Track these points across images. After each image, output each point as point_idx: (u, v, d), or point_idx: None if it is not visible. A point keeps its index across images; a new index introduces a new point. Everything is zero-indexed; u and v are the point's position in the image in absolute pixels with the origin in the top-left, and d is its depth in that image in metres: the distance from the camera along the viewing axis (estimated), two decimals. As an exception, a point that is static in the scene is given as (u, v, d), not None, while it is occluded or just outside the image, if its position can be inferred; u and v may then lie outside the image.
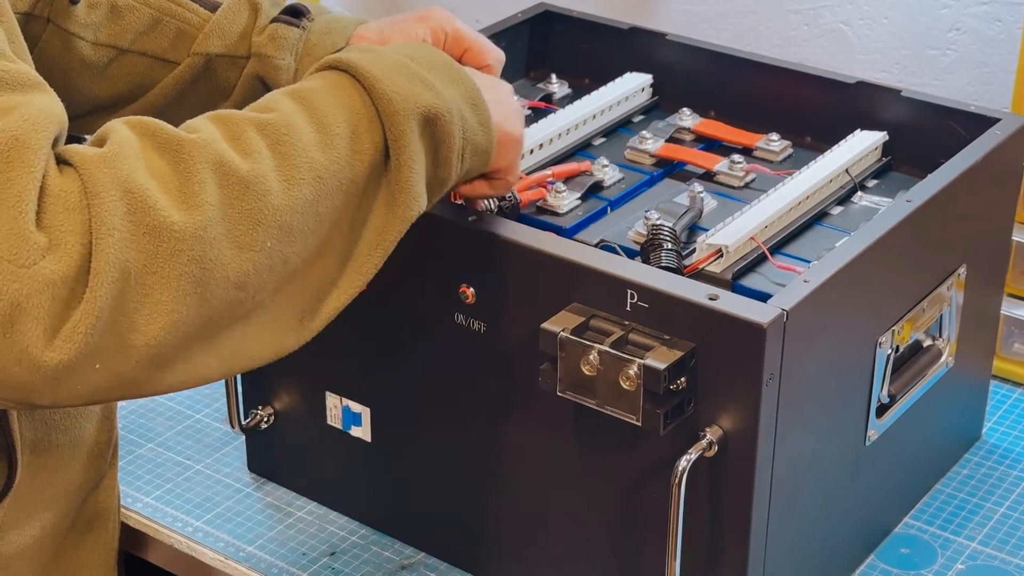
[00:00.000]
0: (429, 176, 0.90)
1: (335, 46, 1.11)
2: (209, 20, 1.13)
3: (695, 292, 0.89)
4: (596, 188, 1.12)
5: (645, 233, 1.03)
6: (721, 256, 1.01)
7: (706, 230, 1.03)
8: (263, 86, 1.14)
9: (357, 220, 0.87)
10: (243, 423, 1.13)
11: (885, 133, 1.15)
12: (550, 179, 1.11)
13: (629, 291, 0.90)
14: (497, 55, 1.13)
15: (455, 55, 1.12)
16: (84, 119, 1.19)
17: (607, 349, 0.89)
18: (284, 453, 1.15)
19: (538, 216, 1.08)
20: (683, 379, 0.89)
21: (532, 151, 1.14)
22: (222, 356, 0.81)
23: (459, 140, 0.90)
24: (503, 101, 0.96)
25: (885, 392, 1.03)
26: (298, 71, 1.12)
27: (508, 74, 1.26)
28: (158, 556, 1.15)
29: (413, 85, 0.88)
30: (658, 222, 1.03)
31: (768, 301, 0.89)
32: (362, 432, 1.09)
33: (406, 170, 0.87)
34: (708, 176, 1.14)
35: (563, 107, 1.21)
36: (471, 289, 0.98)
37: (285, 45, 1.11)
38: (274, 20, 1.13)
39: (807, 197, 1.08)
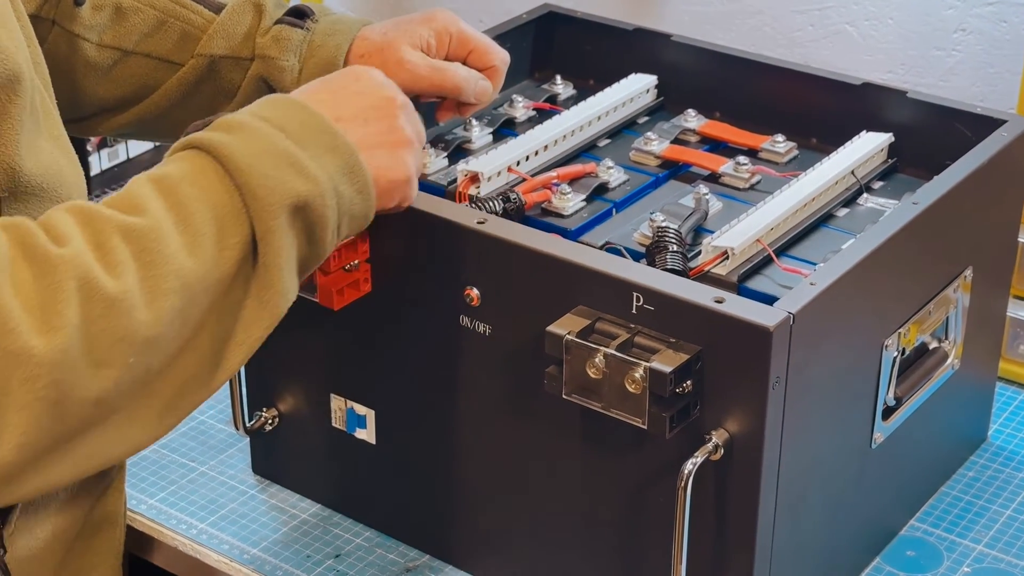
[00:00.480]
0: (303, 257, 0.88)
1: (339, 48, 1.11)
2: (213, 22, 1.13)
3: (701, 295, 0.89)
4: (601, 190, 1.12)
5: (650, 235, 1.03)
6: (727, 258, 1.00)
7: (712, 232, 1.03)
8: (267, 87, 1.14)
9: (224, 316, 0.84)
10: (248, 425, 1.13)
11: (891, 135, 1.15)
12: (555, 181, 1.11)
13: (635, 294, 0.90)
14: (502, 56, 1.13)
15: (459, 57, 1.12)
16: (90, 120, 1.19)
17: (613, 352, 0.89)
18: (289, 455, 1.15)
19: (543, 218, 1.08)
20: (689, 382, 0.88)
21: (537, 152, 1.14)
22: (76, 461, 0.80)
23: (334, 219, 0.87)
24: (387, 143, 0.92)
25: (891, 394, 1.03)
26: (302, 72, 1.11)
27: (513, 75, 1.26)
28: (163, 558, 1.15)
29: (281, 172, 0.85)
30: (663, 224, 1.03)
31: (774, 304, 0.89)
32: (367, 434, 1.09)
33: (274, 267, 0.85)
34: (713, 178, 1.14)
35: (568, 108, 1.21)
36: (476, 291, 0.98)
37: (289, 47, 1.11)
38: (278, 22, 1.12)
39: (813, 199, 1.08)
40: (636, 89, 1.24)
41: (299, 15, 1.13)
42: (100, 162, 1.57)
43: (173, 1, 1.15)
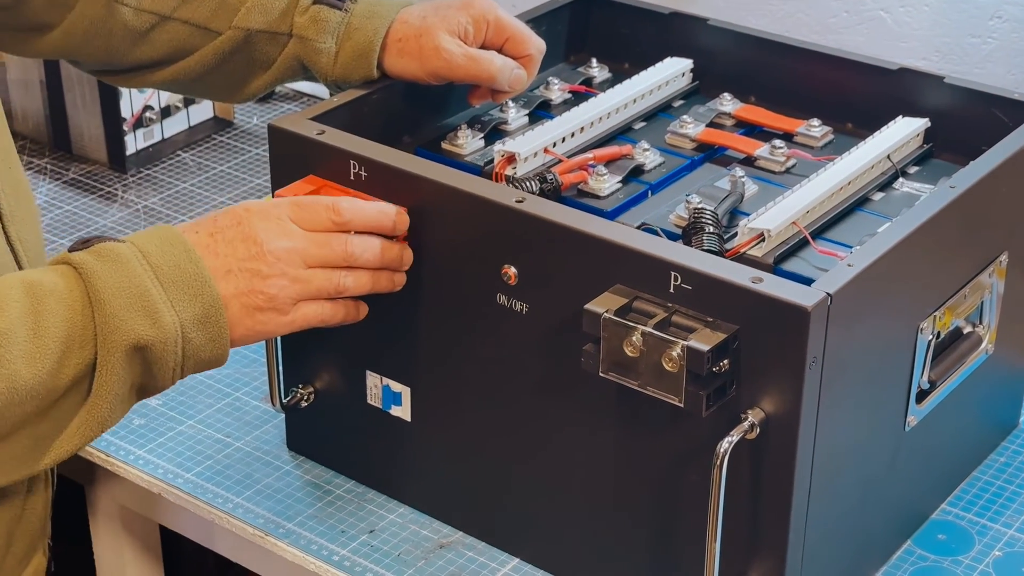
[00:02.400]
0: (140, 386, 0.94)
1: (376, 31, 1.12)
2: None
3: (739, 274, 0.89)
4: (637, 172, 1.12)
5: (686, 217, 1.03)
6: (763, 240, 1.01)
7: (747, 214, 1.03)
8: (302, 68, 1.14)
9: (49, 420, 0.91)
10: (283, 401, 1.14)
11: (927, 120, 1.15)
12: (591, 162, 1.11)
13: (673, 273, 0.91)
14: (538, 44, 1.13)
15: (496, 44, 1.12)
16: (126, 75, 1.21)
17: (650, 330, 0.90)
18: (324, 431, 1.16)
19: (579, 199, 1.08)
20: (726, 361, 0.89)
21: (573, 134, 1.15)
22: None
23: (175, 362, 0.93)
24: (253, 302, 0.95)
25: (925, 378, 1.03)
26: (339, 54, 1.12)
27: (548, 58, 1.27)
28: (197, 532, 1.16)
29: (132, 313, 0.90)
30: (700, 205, 1.03)
31: (812, 285, 0.89)
32: (402, 411, 1.09)
33: (101, 396, 0.91)
34: (749, 161, 1.14)
35: (603, 91, 1.21)
36: (513, 270, 0.98)
37: (327, 28, 1.12)
38: (317, 1, 1.13)
39: (848, 183, 1.08)
40: (672, 72, 1.24)
41: None
42: (136, 142, 1.59)
43: None
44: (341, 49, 1.13)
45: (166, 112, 1.62)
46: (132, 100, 1.57)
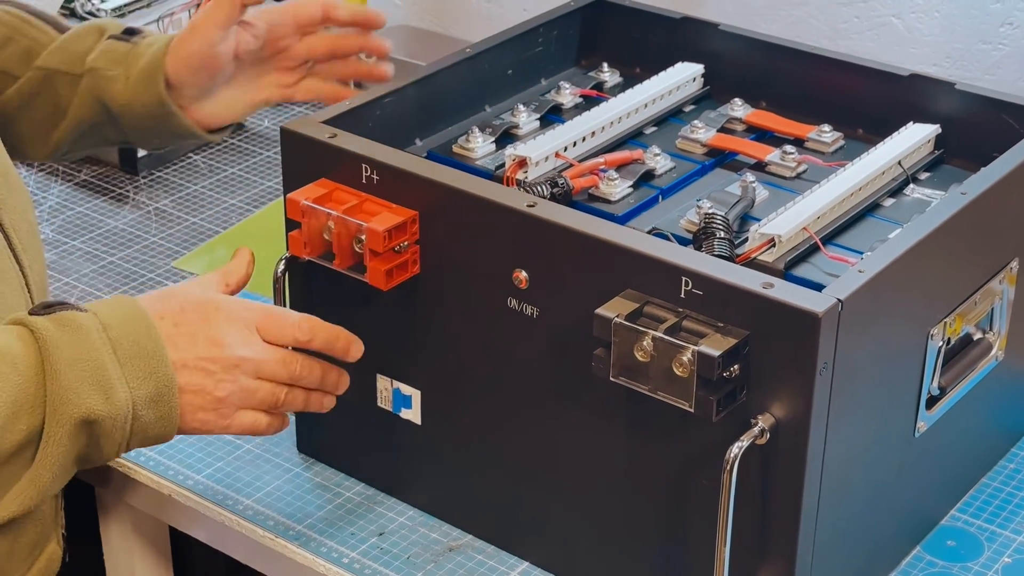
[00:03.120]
0: (83, 457, 0.94)
1: (158, 51, 1.17)
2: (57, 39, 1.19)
3: (750, 280, 0.90)
4: (648, 176, 1.12)
5: (697, 221, 1.04)
6: (773, 246, 1.01)
7: (758, 220, 1.04)
8: (102, 107, 1.18)
9: None
10: (294, 404, 1.14)
11: (938, 126, 1.15)
12: (602, 167, 1.11)
13: (684, 278, 0.91)
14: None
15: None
16: None
17: (661, 335, 0.90)
18: (334, 434, 1.16)
19: (590, 203, 1.09)
20: (736, 366, 0.89)
21: (584, 139, 1.15)
22: None
23: (122, 438, 0.93)
24: (209, 398, 0.96)
25: (935, 384, 1.03)
26: (129, 79, 1.17)
27: (560, 62, 1.28)
28: (207, 534, 1.16)
29: (85, 385, 0.91)
30: (711, 210, 1.03)
31: (823, 290, 0.89)
32: (412, 415, 1.10)
33: (44, 466, 0.91)
34: (760, 166, 1.14)
35: (614, 95, 1.22)
36: (524, 274, 0.98)
37: (115, 57, 1.18)
38: (109, 37, 1.19)
39: (859, 188, 1.08)
40: (683, 78, 1.24)
41: (131, 33, 1.20)
42: (147, 144, 1.59)
43: (24, 21, 1.22)
44: (129, 75, 1.17)
45: (178, 114, 1.62)
46: (144, 102, 1.57)
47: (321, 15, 1.21)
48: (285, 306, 1.08)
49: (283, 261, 1.08)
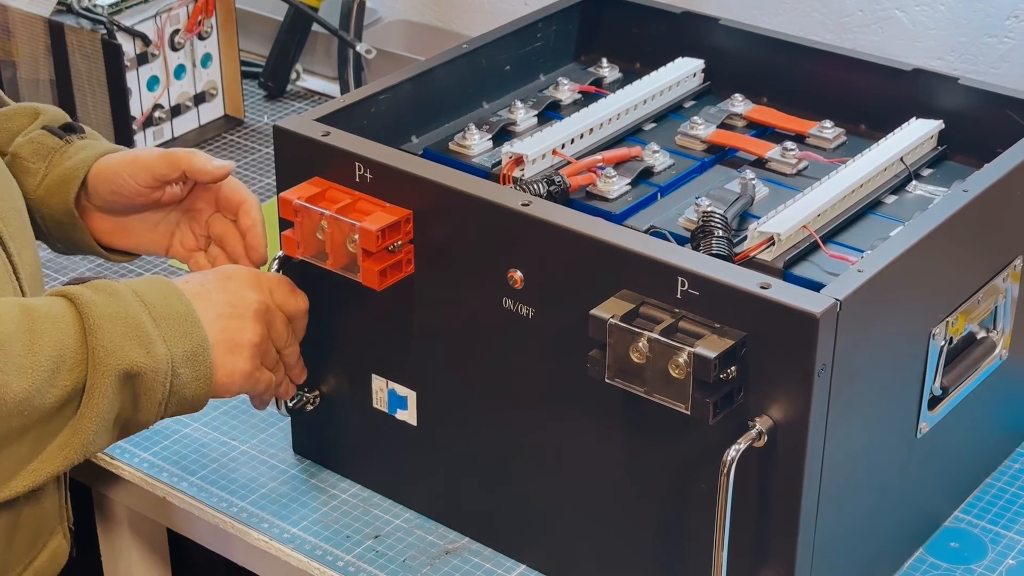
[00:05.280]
0: (125, 419, 0.96)
1: (84, 160, 1.14)
2: None
3: (747, 280, 0.88)
4: (646, 174, 1.11)
5: (696, 220, 1.02)
6: (773, 244, 1.00)
7: (757, 218, 1.02)
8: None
9: (31, 443, 0.93)
10: (289, 405, 1.13)
11: (941, 122, 1.14)
12: (600, 164, 1.10)
13: (680, 278, 0.90)
14: (253, 197, 1.14)
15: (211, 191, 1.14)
16: None
17: (657, 336, 0.88)
18: (329, 435, 1.15)
19: (587, 201, 1.07)
20: (733, 368, 0.88)
21: (582, 135, 1.14)
22: None
23: (163, 395, 0.96)
24: (234, 339, 1.00)
25: (938, 384, 1.02)
26: (45, 178, 1.14)
27: (559, 58, 1.26)
28: (202, 535, 1.15)
29: (126, 339, 0.94)
30: (709, 209, 1.02)
31: (821, 290, 0.88)
32: (408, 416, 1.08)
33: (88, 419, 0.93)
34: (760, 163, 1.13)
35: (613, 91, 1.20)
36: (519, 274, 0.97)
37: (41, 151, 1.15)
38: (44, 128, 1.16)
39: (861, 185, 1.07)
40: (683, 73, 1.23)
41: (69, 130, 1.16)
42: (145, 141, 1.58)
43: None
44: (48, 174, 1.14)
45: (176, 111, 1.61)
46: (142, 99, 1.57)
47: (233, 208, 1.15)
48: None
49: (276, 260, 1.07)
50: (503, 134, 1.16)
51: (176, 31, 1.58)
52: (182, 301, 0.98)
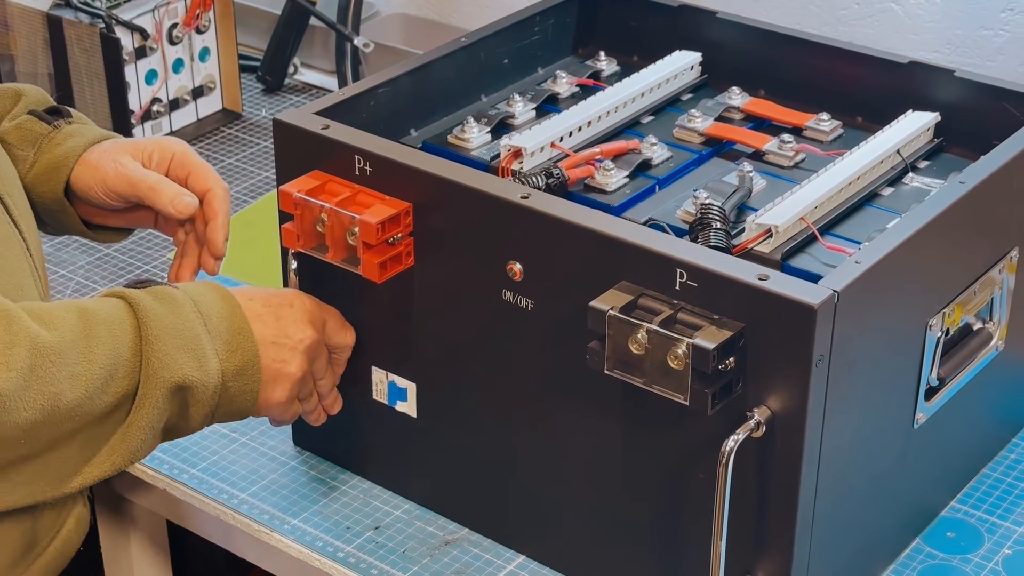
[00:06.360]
0: (172, 427, 0.98)
1: (73, 149, 1.13)
2: None
3: (745, 272, 0.89)
4: (644, 166, 1.11)
5: (694, 212, 1.03)
6: (770, 236, 1.00)
7: (755, 210, 1.03)
8: None
9: (86, 444, 0.94)
10: (289, 397, 1.13)
11: (937, 114, 1.14)
12: (598, 157, 1.10)
13: (679, 270, 0.90)
14: (221, 184, 1.13)
15: (179, 176, 1.13)
16: None
17: (656, 328, 0.89)
18: (329, 427, 1.15)
19: (585, 194, 1.08)
20: (732, 359, 0.88)
21: (580, 128, 1.14)
22: None
23: (210, 407, 0.98)
24: (282, 371, 1.01)
25: (934, 375, 1.02)
26: (34, 165, 1.14)
27: (556, 51, 1.27)
28: (203, 527, 1.16)
29: (181, 352, 0.95)
30: (707, 201, 1.03)
31: (819, 282, 0.89)
32: (407, 407, 1.09)
33: (137, 428, 0.95)
34: (757, 155, 1.13)
35: (611, 85, 1.21)
36: (519, 266, 0.98)
37: (29, 137, 1.14)
38: (30, 112, 1.15)
39: (858, 178, 1.07)
40: (680, 66, 1.23)
41: (55, 113, 1.16)
42: (144, 134, 1.58)
43: None
44: (38, 161, 1.14)
45: (174, 104, 1.61)
46: (140, 93, 1.57)
47: (199, 197, 1.13)
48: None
49: (294, 256, 1.07)
50: (501, 127, 1.17)
51: (174, 25, 1.58)
52: (238, 315, 0.99)
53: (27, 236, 1.06)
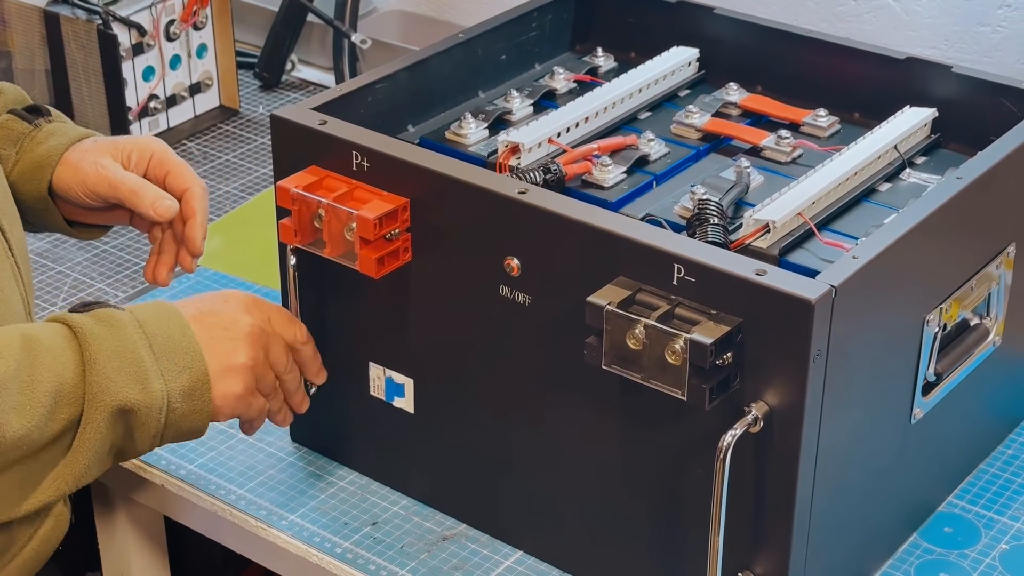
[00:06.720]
0: (119, 449, 0.97)
1: (55, 148, 1.14)
2: None
3: (743, 267, 0.89)
4: (642, 162, 1.11)
5: (691, 208, 1.03)
6: (768, 232, 1.00)
7: (753, 205, 1.03)
8: None
9: (30, 470, 0.94)
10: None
11: (935, 110, 1.14)
12: (596, 152, 1.10)
13: (676, 265, 0.90)
14: (199, 183, 1.13)
15: (158, 175, 1.13)
16: None
17: (653, 323, 0.89)
18: (327, 423, 1.15)
19: (583, 190, 1.08)
20: (729, 354, 0.88)
21: (577, 124, 1.14)
22: None
23: (156, 429, 0.97)
24: (229, 362, 1.00)
25: (931, 370, 1.02)
26: (16, 164, 1.14)
27: (554, 47, 1.27)
28: (200, 523, 1.16)
29: (122, 375, 0.94)
30: (705, 196, 1.03)
31: (816, 277, 0.89)
32: (405, 403, 1.09)
33: (80, 454, 0.94)
34: (755, 151, 1.13)
35: (609, 81, 1.21)
36: (516, 262, 0.98)
37: (11, 136, 1.14)
38: (11, 111, 1.15)
39: (855, 173, 1.07)
40: (678, 62, 1.23)
41: (35, 112, 1.16)
42: (141, 131, 1.58)
43: None
44: (20, 160, 1.14)
45: (171, 101, 1.61)
46: (137, 89, 1.57)
47: (177, 196, 1.13)
48: (296, 295, 1.08)
49: (292, 251, 1.07)
50: (499, 123, 1.17)
51: (172, 21, 1.58)
52: (185, 333, 0.98)
53: (10, 236, 1.06)
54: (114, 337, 0.95)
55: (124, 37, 1.53)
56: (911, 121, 1.13)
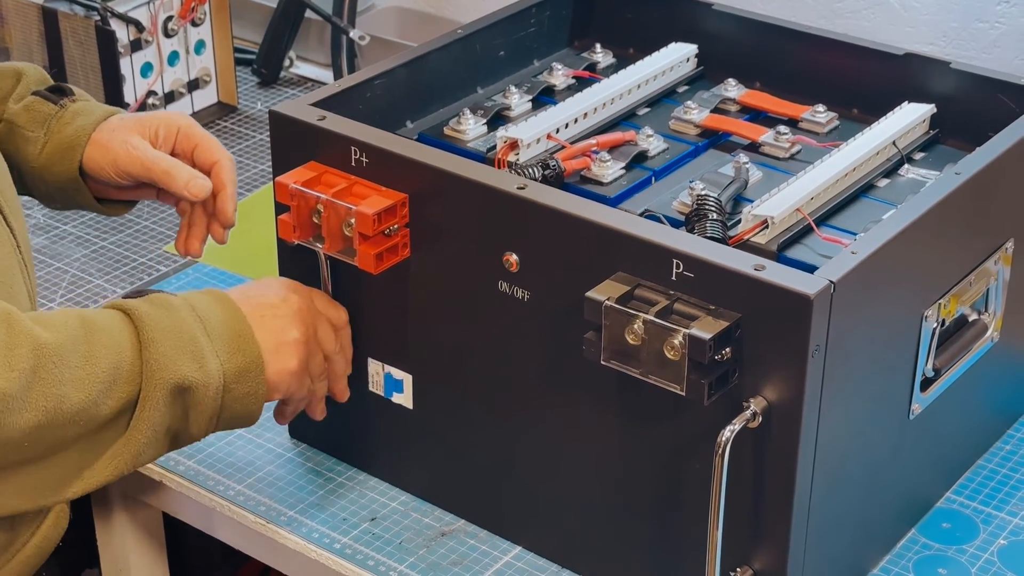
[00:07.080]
0: (176, 432, 0.98)
1: (83, 128, 1.14)
2: None
3: (742, 262, 0.89)
4: (640, 158, 1.11)
5: (690, 203, 1.03)
6: (766, 227, 1.00)
7: (751, 201, 1.03)
8: (9, 159, 1.14)
9: (88, 450, 0.95)
10: (285, 389, 1.13)
11: (933, 106, 1.14)
12: (594, 148, 1.10)
13: (675, 260, 0.90)
14: (227, 154, 1.14)
15: (186, 149, 1.14)
16: None
17: (652, 318, 0.89)
18: (326, 419, 1.15)
19: (582, 185, 1.08)
20: (728, 349, 0.88)
21: (576, 120, 1.14)
22: None
23: (213, 410, 0.97)
24: (281, 339, 1.01)
25: (930, 366, 1.02)
26: (46, 145, 1.14)
27: (552, 43, 1.27)
28: (199, 519, 1.16)
29: (180, 354, 0.95)
30: (703, 192, 1.03)
31: (815, 272, 0.89)
32: (404, 399, 1.09)
33: (139, 432, 0.95)
34: (753, 147, 1.13)
35: (607, 77, 1.21)
36: (515, 257, 0.98)
37: (38, 118, 1.15)
38: (35, 93, 1.16)
39: (853, 169, 1.07)
40: (676, 58, 1.23)
41: (58, 92, 1.16)
42: (139, 127, 1.58)
43: None
44: (49, 141, 1.15)
45: (170, 97, 1.61)
46: (136, 86, 1.57)
47: (206, 170, 1.14)
48: (329, 282, 1.09)
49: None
50: (498, 119, 1.17)
51: (170, 18, 1.58)
52: (237, 317, 0.99)
53: (16, 232, 1.06)
54: (169, 318, 0.96)
55: (122, 33, 1.53)
56: (910, 117, 1.13)
